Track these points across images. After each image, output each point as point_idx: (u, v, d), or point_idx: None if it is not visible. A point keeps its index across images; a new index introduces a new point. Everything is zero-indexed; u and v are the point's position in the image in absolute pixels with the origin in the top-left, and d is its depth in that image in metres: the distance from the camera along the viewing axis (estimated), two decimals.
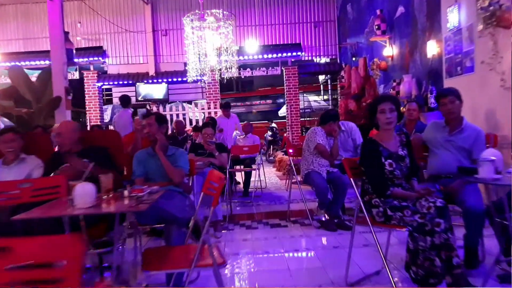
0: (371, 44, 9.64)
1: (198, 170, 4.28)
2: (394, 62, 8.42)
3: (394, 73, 8.31)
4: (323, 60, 14.07)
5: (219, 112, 9.69)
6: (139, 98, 12.67)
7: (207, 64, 10.06)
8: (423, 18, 6.90)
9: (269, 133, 12.60)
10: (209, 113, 13.02)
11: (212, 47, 9.59)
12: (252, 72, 13.20)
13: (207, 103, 13.06)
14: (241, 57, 12.91)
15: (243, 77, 13.40)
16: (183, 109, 13.27)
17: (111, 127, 13.14)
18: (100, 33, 13.24)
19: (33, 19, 13.15)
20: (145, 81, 12.77)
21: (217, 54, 10.46)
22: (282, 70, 13.12)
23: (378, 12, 8.54)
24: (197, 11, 9.07)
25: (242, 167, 7.34)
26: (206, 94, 13.16)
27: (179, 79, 12.86)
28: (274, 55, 13.00)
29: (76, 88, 15.65)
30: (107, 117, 15.23)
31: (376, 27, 8.54)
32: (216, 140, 5.96)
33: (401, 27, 7.93)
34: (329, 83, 15.57)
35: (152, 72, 13.15)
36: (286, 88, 13.09)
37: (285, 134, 13.61)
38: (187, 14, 9.16)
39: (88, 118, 12.92)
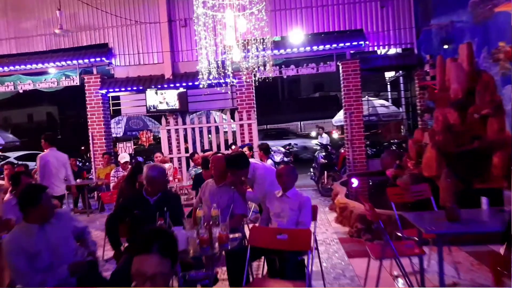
0: (483, 22, 6.09)
1: None
2: None
3: None
4: (393, 50, 10.52)
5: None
6: (150, 109, 9.80)
7: (229, 59, 6.98)
8: None
9: (322, 153, 9.24)
10: (241, 126, 9.92)
11: (234, 36, 6.49)
12: (297, 70, 9.93)
13: (238, 112, 9.96)
14: (282, 51, 9.71)
15: (285, 76, 10.15)
16: (208, 120, 10.27)
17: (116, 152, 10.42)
18: (104, 26, 10.52)
19: (26, 13, 10.67)
20: (159, 86, 9.87)
21: (244, 46, 7.42)
22: (337, 66, 9.76)
23: None
24: None
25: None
26: (237, 101, 10.06)
27: (205, 82, 9.84)
28: (327, 47, 9.67)
29: (76, 97, 13.20)
30: (119, 130, 12.58)
31: None
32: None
33: None
34: (401, 81, 11.89)
35: (168, 74, 10.24)
36: (344, 90, 9.70)
37: (342, 150, 10.22)
38: None
39: (90, 133, 10.24)
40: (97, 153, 10.25)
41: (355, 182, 7.60)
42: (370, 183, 8.65)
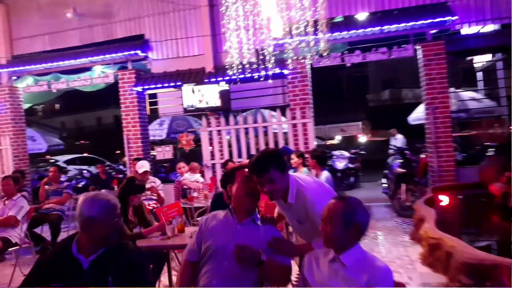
0: None
1: None
2: None
3: None
4: (489, 27, 8.26)
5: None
6: (188, 108, 8.42)
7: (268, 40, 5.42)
8: None
9: (397, 159, 7.25)
10: (294, 126, 8.24)
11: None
12: (364, 57, 8.04)
13: (291, 110, 8.29)
14: (344, 33, 7.92)
15: (348, 65, 8.30)
16: (255, 120, 8.70)
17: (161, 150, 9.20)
18: (140, 16, 9.33)
19: (59, 6, 9.77)
20: (197, 82, 8.47)
21: (297, 28, 5.87)
22: (415, 50, 7.75)
23: None
24: None
25: None
26: (289, 97, 8.38)
27: (250, 75, 8.31)
28: (402, 26, 7.70)
29: (111, 96, 12.17)
30: (162, 133, 11.41)
31: None
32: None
33: None
34: (499, 67, 9.39)
35: (209, 67, 8.82)
36: (424, 79, 7.66)
37: (423, 155, 8.14)
38: None
39: (124, 136, 9.10)
40: (133, 157, 9.07)
41: (444, 200, 5.62)
42: (461, 199, 6.57)
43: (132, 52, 9.01)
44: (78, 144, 19.09)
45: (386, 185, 7.68)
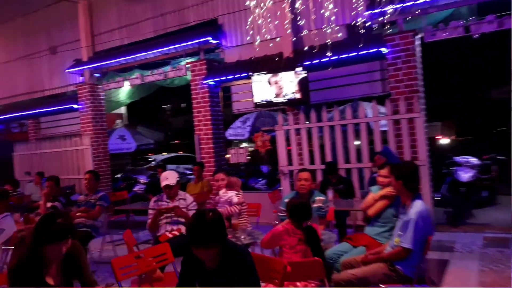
0: None
1: None
2: None
3: None
4: None
5: None
6: (258, 102, 6.91)
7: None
8: None
9: None
10: (397, 123, 6.17)
11: None
12: (500, 23, 5.58)
13: (392, 101, 6.22)
14: None
15: (475, 36, 5.88)
16: (343, 115, 6.77)
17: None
18: None
19: None
20: (271, 70, 6.90)
21: None
22: None
23: None
24: None
25: None
26: (390, 84, 6.31)
27: (336, 58, 6.48)
28: None
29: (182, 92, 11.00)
30: (245, 132, 10.10)
31: None
32: None
33: None
34: None
35: (288, 51, 7.19)
36: None
37: None
38: None
39: (195, 135, 8.01)
40: (204, 160, 7.93)
41: None
42: None
43: (203, 39, 7.82)
44: (172, 143, 19.07)
45: None
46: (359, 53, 6.34)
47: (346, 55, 6.46)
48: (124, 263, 2.76)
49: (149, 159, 14.32)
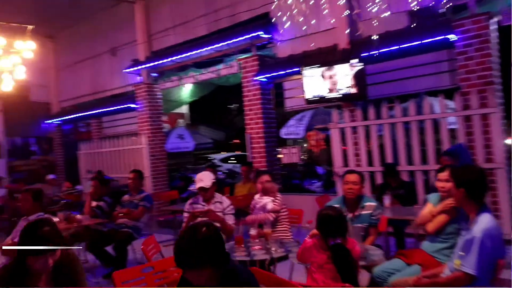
0: None
1: None
2: None
3: None
4: None
5: None
6: (310, 98, 6.44)
7: None
8: None
9: None
10: (468, 120, 5.42)
11: None
12: None
13: (462, 94, 5.47)
14: None
15: None
16: (404, 112, 6.08)
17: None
18: None
19: None
20: (324, 64, 6.40)
21: None
22: None
23: None
24: None
25: None
26: (460, 75, 5.54)
27: (397, 48, 5.85)
28: None
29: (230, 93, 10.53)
30: (300, 130, 9.63)
31: None
32: None
33: None
34: None
35: (344, 43, 6.63)
36: None
37: None
38: None
39: (247, 134, 7.74)
40: (256, 160, 7.64)
41: None
42: None
43: (254, 34, 7.49)
44: (231, 143, 18.99)
45: None
46: (423, 41, 5.65)
47: (408, 44, 5.80)
48: (127, 277, 2.48)
49: (209, 158, 14.36)
